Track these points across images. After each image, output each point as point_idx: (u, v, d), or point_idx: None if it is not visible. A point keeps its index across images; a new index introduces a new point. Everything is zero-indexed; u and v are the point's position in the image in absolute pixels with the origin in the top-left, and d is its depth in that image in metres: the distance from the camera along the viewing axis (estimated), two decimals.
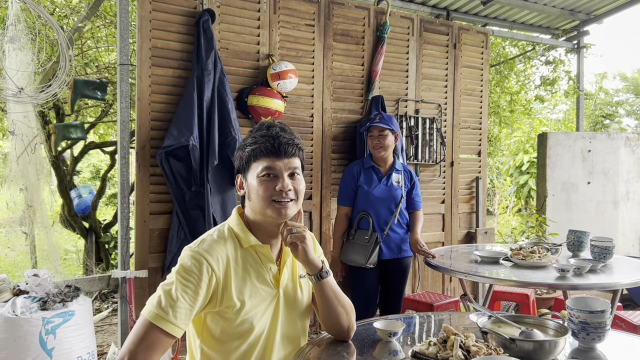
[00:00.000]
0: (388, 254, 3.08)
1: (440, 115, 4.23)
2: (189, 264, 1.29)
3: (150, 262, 3.04)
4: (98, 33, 4.74)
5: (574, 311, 1.48)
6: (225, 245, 1.37)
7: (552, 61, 5.89)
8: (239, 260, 1.37)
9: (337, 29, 3.75)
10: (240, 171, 1.45)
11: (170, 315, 1.23)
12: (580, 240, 2.87)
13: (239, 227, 1.42)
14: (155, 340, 1.22)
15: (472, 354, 1.28)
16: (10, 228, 5.04)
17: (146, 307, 1.26)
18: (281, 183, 1.37)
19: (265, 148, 1.37)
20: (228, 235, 1.40)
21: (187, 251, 1.33)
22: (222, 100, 3.08)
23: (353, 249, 3.05)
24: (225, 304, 1.32)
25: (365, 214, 3.08)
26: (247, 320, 1.34)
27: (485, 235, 4.44)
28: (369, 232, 3.03)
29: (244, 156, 1.42)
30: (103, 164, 10.42)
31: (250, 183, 1.40)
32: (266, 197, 1.36)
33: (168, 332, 1.23)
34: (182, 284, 1.27)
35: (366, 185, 3.08)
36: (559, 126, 11.41)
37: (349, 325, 1.50)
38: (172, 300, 1.24)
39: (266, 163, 1.37)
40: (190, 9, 3.16)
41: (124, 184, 3.01)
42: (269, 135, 1.39)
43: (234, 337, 1.35)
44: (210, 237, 1.38)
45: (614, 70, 30.60)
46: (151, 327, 1.22)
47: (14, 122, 2.72)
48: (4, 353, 2.38)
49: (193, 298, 1.27)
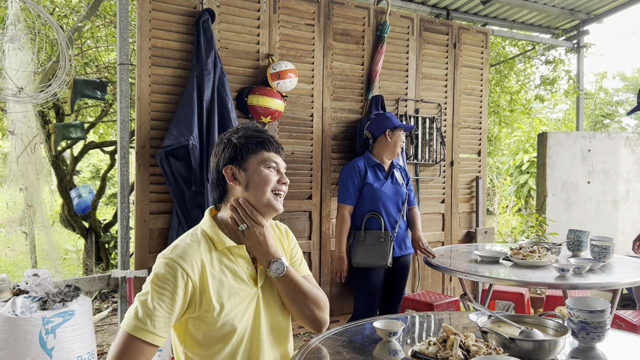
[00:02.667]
0: (398, 251, 3.07)
1: (440, 114, 4.23)
2: (163, 272, 1.28)
3: (150, 261, 3.04)
4: (98, 33, 4.74)
5: (573, 311, 1.48)
6: (199, 248, 1.35)
7: (552, 61, 5.89)
8: (214, 262, 1.36)
9: (337, 28, 3.74)
10: (233, 162, 1.42)
11: (149, 325, 1.22)
12: (580, 239, 2.87)
13: (212, 229, 1.40)
14: (136, 352, 1.21)
15: (471, 353, 1.28)
16: (10, 228, 5.04)
17: (124, 319, 1.26)
18: (283, 176, 1.44)
19: (269, 142, 1.43)
20: (202, 238, 1.38)
21: (160, 259, 1.31)
22: (222, 100, 3.08)
23: (367, 250, 2.97)
24: (204, 308, 1.31)
25: (374, 213, 3.02)
26: (229, 322, 1.33)
27: (485, 235, 4.44)
28: (381, 231, 2.98)
29: (242, 146, 1.41)
30: (103, 163, 10.42)
31: (253, 173, 1.40)
32: (269, 187, 1.41)
33: (149, 342, 1.22)
34: (157, 292, 1.25)
35: (375, 183, 3.03)
36: (559, 126, 11.41)
37: (314, 317, 1.45)
38: (149, 309, 1.23)
39: (270, 156, 1.43)
40: (190, 9, 3.16)
41: (123, 183, 3.01)
42: (261, 131, 1.45)
43: (217, 340, 1.34)
44: (184, 242, 1.35)
45: (614, 69, 30.59)
46: (131, 338, 1.22)
47: (14, 122, 2.72)
48: (4, 353, 2.38)
49: (170, 305, 1.26)
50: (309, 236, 3.67)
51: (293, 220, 3.59)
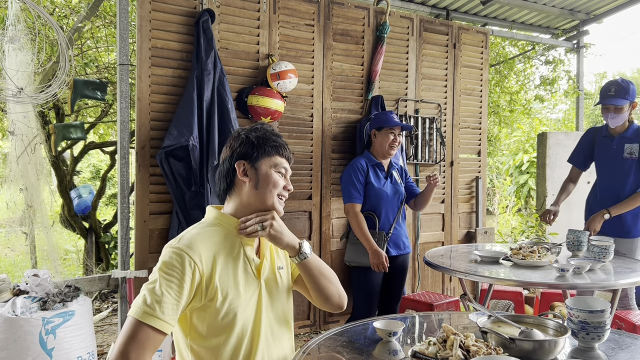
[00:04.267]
0: (394, 251, 3.08)
1: (440, 115, 4.23)
2: (171, 260, 1.30)
3: (150, 262, 3.04)
4: (98, 33, 4.74)
5: (573, 311, 1.48)
6: (205, 238, 1.37)
7: (552, 61, 5.89)
8: (220, 252, 1.37)
9: (337, 28, 3.75)
10: (246, 157, 1.45)
11: (158, 311, 1.23)
12: (580, 239, 2.87)
13: (222, 217, 1.45)
14: (145, 338, 1.21)
15: (471, 353, 1.28)
16: (10, 228, 5.04)
17: (132, 308, 1.26)
18: (289, 182, 1.50)
19: (281, 147, 1.48)
20: (208, 228, 1.41)
21: (167, 249, 1.33)
22: (222, 100, 3.08)
23: (361, 250, 3.02)
24: (209, 296, 1.33)
25: (370, 213, 3.04)
26: (232, 311, 1.35)
27: (485, 235, 4.44)
28: (375, 231, 3.01)
29: (260, 146, 1.45)
30: (103, 164, 10.42)
31: (264, 172, 1.44)
32: (275, 190, 1.45)
33: (157, 328, 1.23)
34: (165, 279, 1.27)
35: (376, 183, 3.04)
36: (558, 126, 11.41)
37: (339, 293, 1.54)
38: (157, 296, 1.24)
39: (282, 162, 1.48)
40: (189, 9, 3.16)
41: (124, 184, 3.01)
42: (278, 135, 1.50)
43: (220, 330, 1.35)
44: (189, 233, 1.38)
45: (614, 70, 30.59)
46: (140, 325, 1.22)
47: (14, 122, 2.72)
48: (4, 353, 2.39)
49: (178, 292, 1.27)
50: (309, 236, 3.67)
51: (293, 221, 3.60)
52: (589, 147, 3.37)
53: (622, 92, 3.03)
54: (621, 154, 3.12)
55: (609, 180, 3.19)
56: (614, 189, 3.14)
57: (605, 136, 3.23)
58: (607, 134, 3.21)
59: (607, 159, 3.20)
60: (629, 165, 3.09)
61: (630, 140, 3.11)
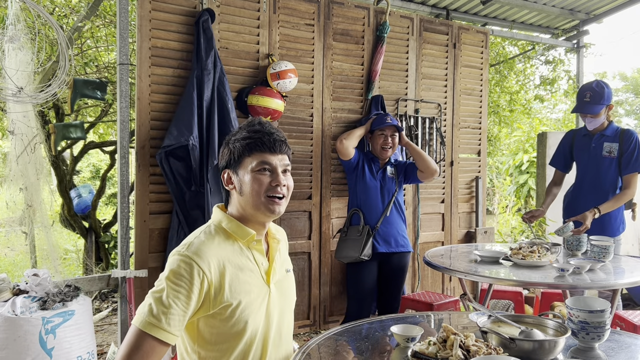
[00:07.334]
0: (384, 247, 3.12)
1: (440, 114, 4.23)
2: (179, 269, 1.25)
3: (150, 261, 3.04)
4: (98, 33, 4.74)
5: (573, 311, 1.48)
6: (214, 245, 1.34)
7: (552, 61, 5.89)
8: (230, 258, 1.34)
9: (337, 28, 3.74)
10: (229, 166, 1.42)
11: (164, 322, 1.20)
12: (580, 239, 2.87)
13: (232, 223, 1.40)
14: (150, 350, 1.19)
15: (471, 353, 1.28)
16: (10, 228, 5.04)
17: (137, 316, 1.23)
18: (276, 178, 1.39)
19: (262, 143, 1.38)
20: (216, 234, 1.38)
21: (175, 256, 1.29)
22: (222, 100, 3.08)
23: (346, 245, 3.12)
24: (219, 305, 1.30)
25: (356, 209, 3.19)
26: (242, 319, 1.32)
27: (485, 235, 4.44)
28: (359, 226, 3.13)
29: (235, 150, 1.40)
30: (103, 163, 10.42)
31: (243, 177, 1.39)
32: (261, 191, 1.37)
33: (162, 340, 1.20)
34: (173, 289, 1.23)
35: (368, 175, 3.22)
36: (558, 126, 11.40)
37: None
38: (164, 307, 1.21)
39: (262, 158, 1.38)
40: (189, 9, 3.16)
41: (123, 183, 3.01)
42: (263, 131, 1.40)
43: (230, 337, 1.33)
44: (198, 239, 1.34)
45: (614, 70, 30.60)
46: (144, 336, 1.19)
47: (14, 122, 2.72)
48: (3, 353, 2.38)
49: (186, 303, 1.24)
50: (309, 236, 3.67)
51: (293, 220, 3.60)
52: (569, 148, 3.43)
53: (597, 97, 3.08)
54: (600, 152, 3.17)
55: (588, 177, 3.25)
56: (593, 186, 3.20)
57: (585, 135, 3.29)
58: (587, 132, 3.27)
59: (586, 157, 3.26)
60: (608, 163, 3.15)
61: (610, 139, 3.15)
